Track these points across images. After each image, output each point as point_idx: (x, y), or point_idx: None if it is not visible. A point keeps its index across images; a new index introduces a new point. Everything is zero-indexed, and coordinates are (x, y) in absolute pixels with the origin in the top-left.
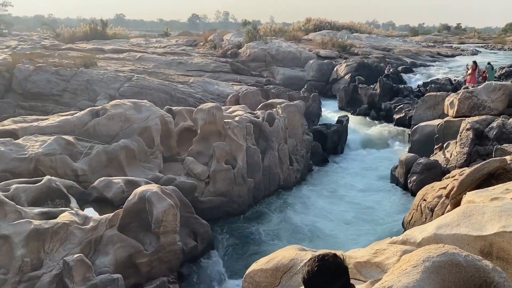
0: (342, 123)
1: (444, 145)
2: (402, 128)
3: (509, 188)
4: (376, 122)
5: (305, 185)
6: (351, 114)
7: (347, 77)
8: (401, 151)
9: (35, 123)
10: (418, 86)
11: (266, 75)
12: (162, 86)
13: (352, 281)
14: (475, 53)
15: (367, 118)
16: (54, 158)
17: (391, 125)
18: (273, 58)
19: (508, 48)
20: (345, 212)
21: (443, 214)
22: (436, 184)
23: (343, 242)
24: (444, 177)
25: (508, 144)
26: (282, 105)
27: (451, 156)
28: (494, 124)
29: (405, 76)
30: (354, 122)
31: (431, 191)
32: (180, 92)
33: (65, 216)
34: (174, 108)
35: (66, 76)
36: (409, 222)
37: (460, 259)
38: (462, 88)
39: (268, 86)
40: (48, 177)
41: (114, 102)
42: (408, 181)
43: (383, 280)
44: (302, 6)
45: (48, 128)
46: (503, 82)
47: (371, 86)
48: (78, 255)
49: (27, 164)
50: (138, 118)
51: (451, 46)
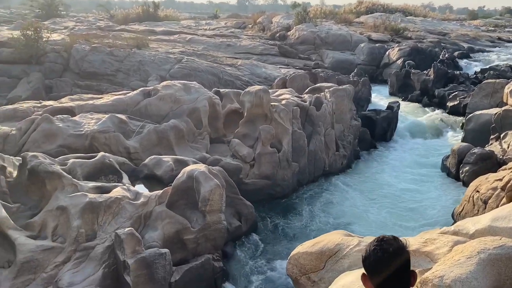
0: (393, 109)
1: (501, 135)
2: (455, 116)
3: None
4: (428, 109)
5: (351, 171)
6: (402, 100)
7: (399, 61)
8: (453, 140)
9: (91, 102)
10: (475, 73)
11: (315, 59)
12: (211, 68)
13: None
14: None
15: (419, 104)
16: (108, 136)
17: (444, 112)
18: (322, 41)
19: None
20: (392, 200)
21: (497, 206)
22: (491, 176)
23: (389, 230)
24: (500, 168)
25: None
26: (331, 89)
27: (508, 147)
28: None
29: (461, 62)
30: (405, 108)
31: (485, 183)
32: (228, 75)
33: (117, 191)
34: (221, 90)
35: (119, 57)
36: (459, 214)
37: None
38: None
39: (316, 69)
40: (102, 153)
41: (165, 83)
42: (460, 171)
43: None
44: None
45: (102, 106)
46: None
47: (424, 71)
48: (129, 228)
49: (83, 140)
50: (187, 99)
51: None
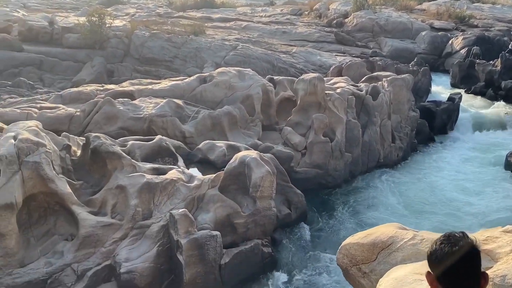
0: (454, 101)
1: None
2: None
3: None
4: (493, 102)
5: (406, 164)
6: (465, 92)
7: (463, 51)
8: None
9: (150, 86)
10: None
11: (373, 46)
12: (265, 56)
13: None
14: None
15: (483, 97)
16: (165, 120)
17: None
18: (381, 28)
19: None
20: (449, 196)
21: None
22: None
23: (446, 226)
24: None
25: None
26: (388, 78)
27: None
28: None
29: None
30: (467, 100)
31: None
32: (282, 62)
33: (173, 173)
34: (275, 77)
35: (177, 43)
36: None
37: None
38: None
39: (374, 58)
40: (159, 136)
41: (220, 70)
42: None
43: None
44: None
45: (160, 91)
46: None
47: (491, 62)
48: (182, 210)
49: (141, 123)
50: (242, 86)
51: None
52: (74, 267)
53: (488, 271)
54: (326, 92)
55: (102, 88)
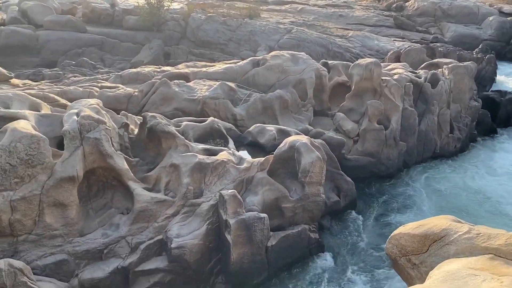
0: None
1: None
2: None
3: None
4: None
5: (464, 156)
6: None
7: None
8: None
9: (204, 69)
10: None
11: (434, 32)
12: (320, 39)
13: None
14: None
15: None
16: (218, 102)
17: None
18: (444, 13)
19: None
20: (508, 192)
21: None
22: None
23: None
24: None
25: None
26: (450, 65)
27: None
28: None
29: None
30: None
31: None
32: (337, 46)
33: (223, 155)
34: (330, 62)
35: (232, 27)
36: None
37: None
38: None
39: (435, 44)
40: (212, 118)
41: (273, 53)
42: None
43: None
44: None
45: (214, 74)
46: None
47: None
48: (232, 190)
49: (195, 105)
50: (295, 70)
51: None
52: (129, 239)
53: None
54: (382, 78)
55: (159, 69)
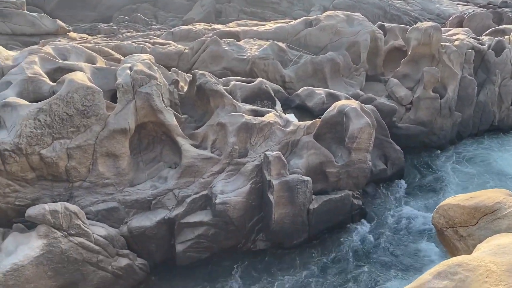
0: None
1: None
2: None
3: None
4: None
5: None
6: None
7: None
8: None
9: (255, 28)
10: None
11: None
12: (377, 1)
13: None
14: None
15: None
16: (267, 62)
17: None
18: None
19: None
20: None
21: None
22: None
23: None
24: None
25: None
26: None
27: None
28: None
29: None
30: None
31: None
32: (395, 9)
33: (270, 116)
34: (386, 24)
35: None
36: None
37: None
38: None
39: (503, 8)
40: (260, 79)
41: (327, 13)
42: None
43: None
44: None
45: (265, 33)
46: None
47: None
48: (276, 152)
49: (244, 64)
50: (349, 31)
51: None
52: (176, 192)
53: None
54: (441, 43)
55: (210, 27)
